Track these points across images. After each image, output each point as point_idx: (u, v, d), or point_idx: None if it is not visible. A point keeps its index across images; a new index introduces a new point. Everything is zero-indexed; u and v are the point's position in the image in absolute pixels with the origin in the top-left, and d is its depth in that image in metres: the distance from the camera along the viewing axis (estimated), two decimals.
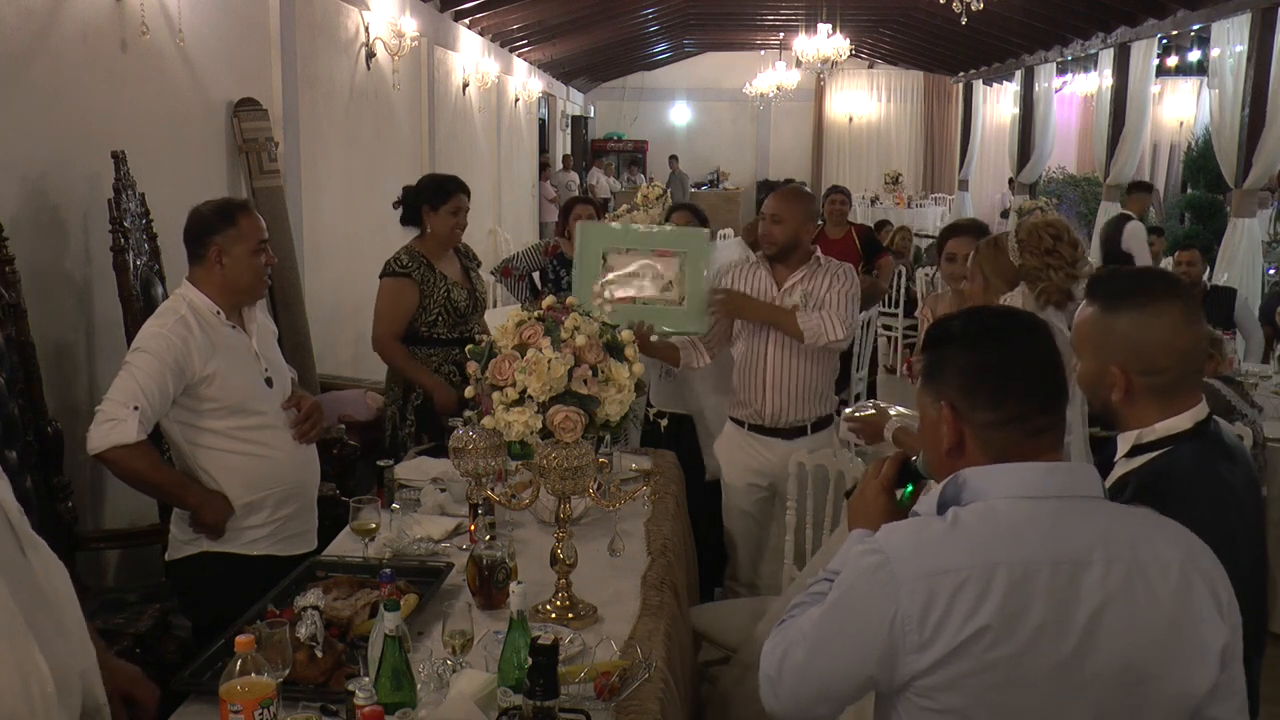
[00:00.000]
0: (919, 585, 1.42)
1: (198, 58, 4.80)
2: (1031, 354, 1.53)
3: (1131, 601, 1.42)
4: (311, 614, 2.11)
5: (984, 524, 1.46)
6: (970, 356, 1.54)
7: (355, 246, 7.03)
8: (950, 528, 1.47)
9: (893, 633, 1.43)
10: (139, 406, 2.62)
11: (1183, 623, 1.44)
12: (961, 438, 1.54)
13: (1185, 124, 17.88)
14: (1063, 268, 2.68)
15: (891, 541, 1.48)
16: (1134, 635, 1.42)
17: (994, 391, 1.51)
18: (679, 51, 20.34)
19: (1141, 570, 1.44)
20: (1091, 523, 1.46)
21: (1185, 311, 1.77)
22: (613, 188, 18.59)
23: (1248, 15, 8.76)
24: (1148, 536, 1.48)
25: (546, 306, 2.52)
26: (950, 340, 1.57)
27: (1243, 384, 4.35)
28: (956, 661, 1.41)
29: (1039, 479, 1.48)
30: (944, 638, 1.41)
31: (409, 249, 4.13)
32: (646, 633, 2.37)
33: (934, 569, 1.42)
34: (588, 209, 5.59)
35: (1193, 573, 1.46)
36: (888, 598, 1.43)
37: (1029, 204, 11.65)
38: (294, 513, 2.93)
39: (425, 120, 8.88)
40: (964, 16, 8.31)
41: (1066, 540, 1.44)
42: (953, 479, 1.53)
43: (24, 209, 3.54)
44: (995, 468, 1.50)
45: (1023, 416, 1.51)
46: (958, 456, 1.54)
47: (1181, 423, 1.77)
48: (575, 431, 2.35)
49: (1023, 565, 1.42)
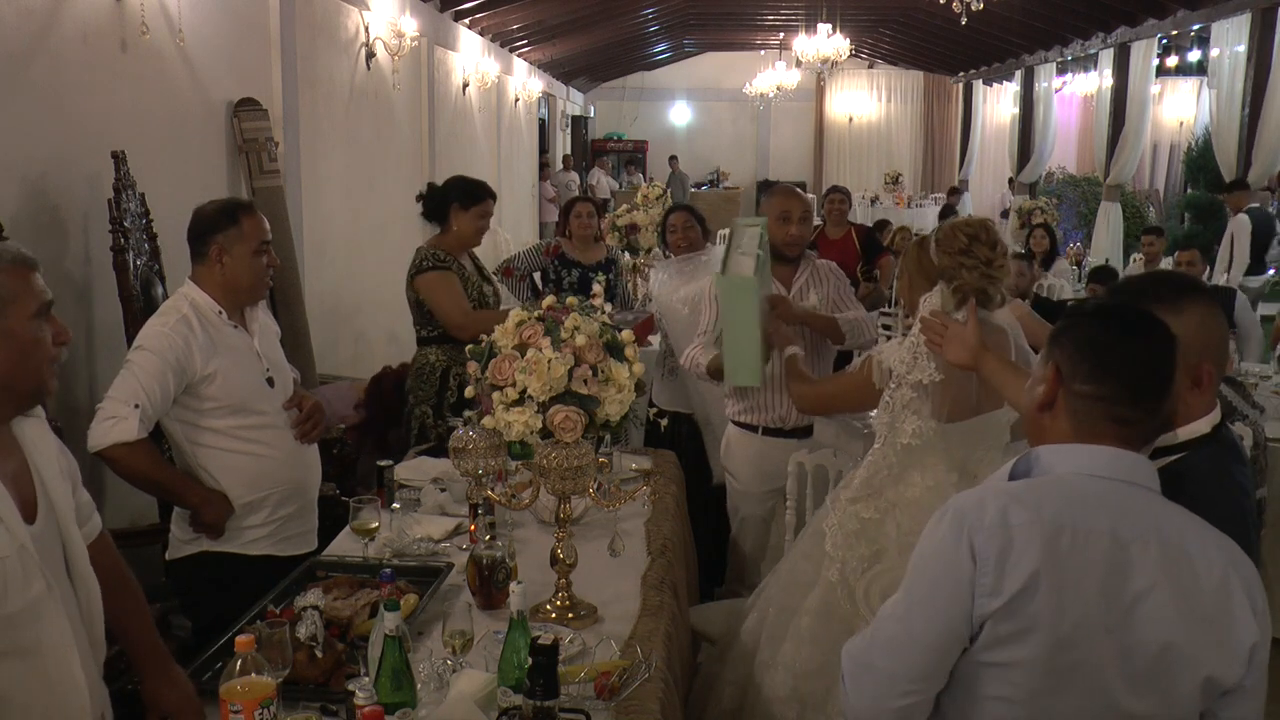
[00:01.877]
0: (994, 532, 1.54)
1: (198, 58, 4.80)
2: (1143, 350, 1.61)
3: (1178, 585, 1.52)
4: (311, 614, 2.11)
5: (1053, 489, 1.58)
6: (1090, 329, 1.64)
7: (355, 246, 7.03)
8: (1021, 488, 1.60)
9: (971, 574, 1.54)
10: (140, 405, 2.62)
11: (1221, 616, 1.53)
12: (1055, 397, 1.64)
13: (1185, 124, 17.89)
14: (976, 267, 2.70)
15: (961, 500, 1.62)
16: (1175, 617, 1.52)
17: (1096, 367, 1.61)
18: (679, 51, 20.34)
19: (1189, 561, 1.54)
20: (1150, 509, 1.57)
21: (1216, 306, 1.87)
22: (611, 188, 18.58)
23: (1248, 15, 8.77)
24: (1197, 533, 1.58)
25: (546, 306, 2.52)
26: (1082, 314, 1.69)
27: (1243, 384, 4.34)
28: (1020, 606, 1.52)
29: (1107, 461, 1.59)
30: (1011, 582, 1.52)
31: (435, 246, 4.13)
32: (646, 633, 2.37)
33: (1006, 520, 1.54)
34: (588, 208, 5.60)
35: (1233, 575, 1.55)
36: (964, 544, 1.55)
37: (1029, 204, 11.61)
38: (294, 513, 2.93)
39: (425, 120, 8.88)
40: (964, 16, 8.31)
41: (1126, 517, 1.55)
42: (1025, 456, 1.66)
43: (24, 209, 3.54)
44: (1068, 447, 1.62)
45: (1113, 399, 1.59)
46: (1046, 413, 1.65)
47: (1202, 426, 1.82)
48: (575, 431, 2.35)
49: (1084, 531, 1.53)
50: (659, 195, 6.84)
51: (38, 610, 1.72)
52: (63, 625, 1.75)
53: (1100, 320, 1.65)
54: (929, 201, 18.32)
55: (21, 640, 1.71)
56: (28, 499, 1.77)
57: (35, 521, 1.77)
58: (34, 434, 1.84)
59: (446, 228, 4.17)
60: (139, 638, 2.04)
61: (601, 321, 2.52)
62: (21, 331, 1.77)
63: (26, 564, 1.70)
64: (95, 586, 1.88)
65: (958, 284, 2.68)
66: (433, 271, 4.06)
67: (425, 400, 4.10)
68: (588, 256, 5.48)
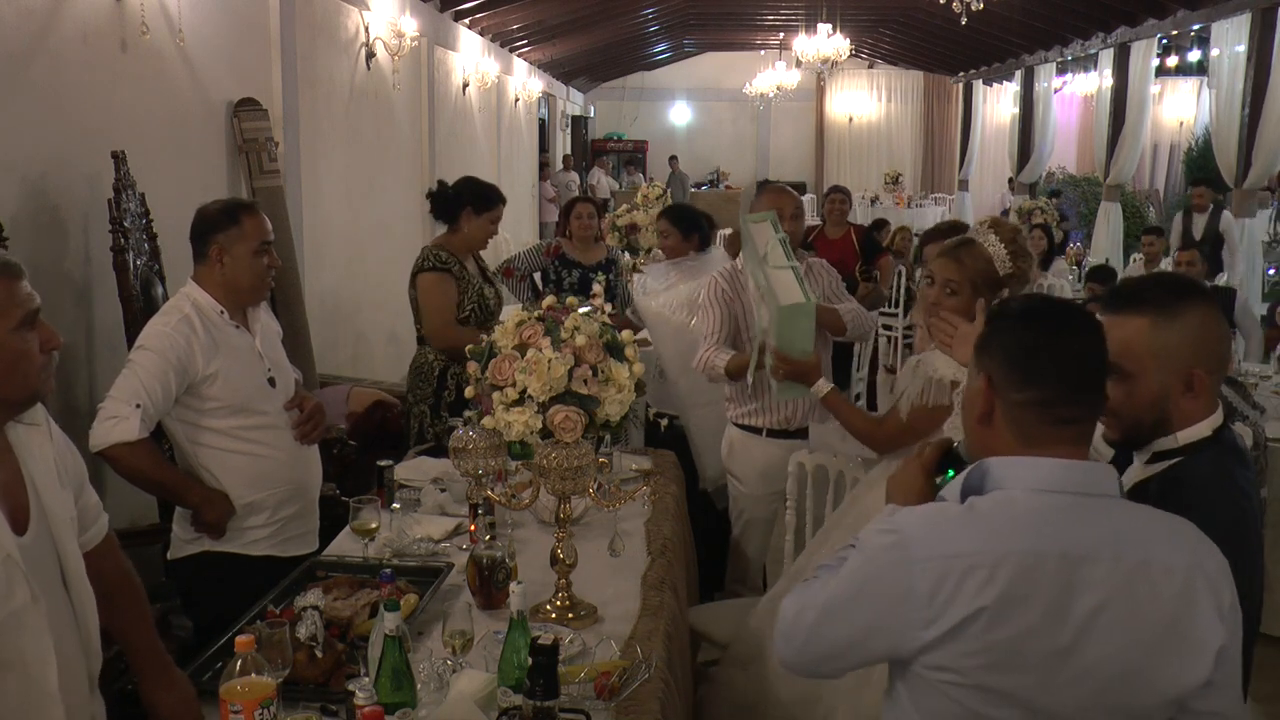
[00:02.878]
0: (931, 565, 1.48)
1: (198, 58, 4.80)
2: (1074, 344, 1.56)
3: (1133, 599, 1.47)
4: (311, 614, 2.11)
5: (999, 512, 1.52)
6: (1017, 335, 1.59)
7: (355, 246, 7.03)
8: (966, 513, 1.53)
9: (901, 608, 1.50)
10: (141, 404, 2.62)
11: (1182, 624, 1.48)
12: (991, 409, 1.59)
13: (1185, 124, 17.89)
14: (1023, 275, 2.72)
15: (908, 522, 1.55)
16: (1132, 632, 1.47)
17: (1028, 372, 1.56)
18: (679, 51, 20.34)
19: (1146, 570, 1.48)
20: (1104, 521, 1.51)
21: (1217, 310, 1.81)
22: (611, 188, 18.59)
23: (1248, 15, 8.77)
24: (1157, 537, 1.52)
25: (546, 306, 2.52)
26: (1005, 317, 1.64)
27: (1243, 384, 4.34)
28: (957, 640, 1.48)
29: (1057, 474, 1.53)
30: (948, 616, 1.47)
31: (440, 246, 4.13)
32: (646, 633, 2.37)
33: (946, 551, 1.49)
34: (589, 208, 5.60)
35: (1197, 576, 1.50)
36: (900, 574, 1.50)
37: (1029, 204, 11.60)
38: (295, 513, 2.93)
39: (425, 120, 8.88)
40: (964, 16, 8.32)
41: (1077, 535, 1.49)
42: (976, 467, 1.59)
43: (24, 209, 3.55)
44: (1017, 460, 1.55)
45: (1050, 402, 1.55)
46: (986, 426, 1.60)
47: (1203, 430, 1.78)
48: (575, 431, 2.35)
49: (1032, 555, 1.47)
50: (659, 195, 6.84)
51: (19, 622, 1.70)
52: (44, 639, 1.72)
53: (1025, 322, 1.60)
54: (929, 201, 18.33)
55: (1, 653, 1.69)
56: (20, 508, 1.76)
57: (26, 532, 1.75)
58: (30, 442, 1.82)
59: (455, 229, 4.17)
60: (139, 642, 2.04)
61: (601, 322, 2.53)
62: (7, 343, 1.72)
63: (11, 575, 1.69)
64: (91, 597, 1.87)
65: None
66: (432, 273, 4.06)
67: (423, 399, 4.10)
68: (588, 257, 5.48)
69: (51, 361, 1.82)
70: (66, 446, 1.93)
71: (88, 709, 1.89)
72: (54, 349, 1.82)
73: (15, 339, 1.73)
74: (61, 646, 1.77)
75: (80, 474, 1.96)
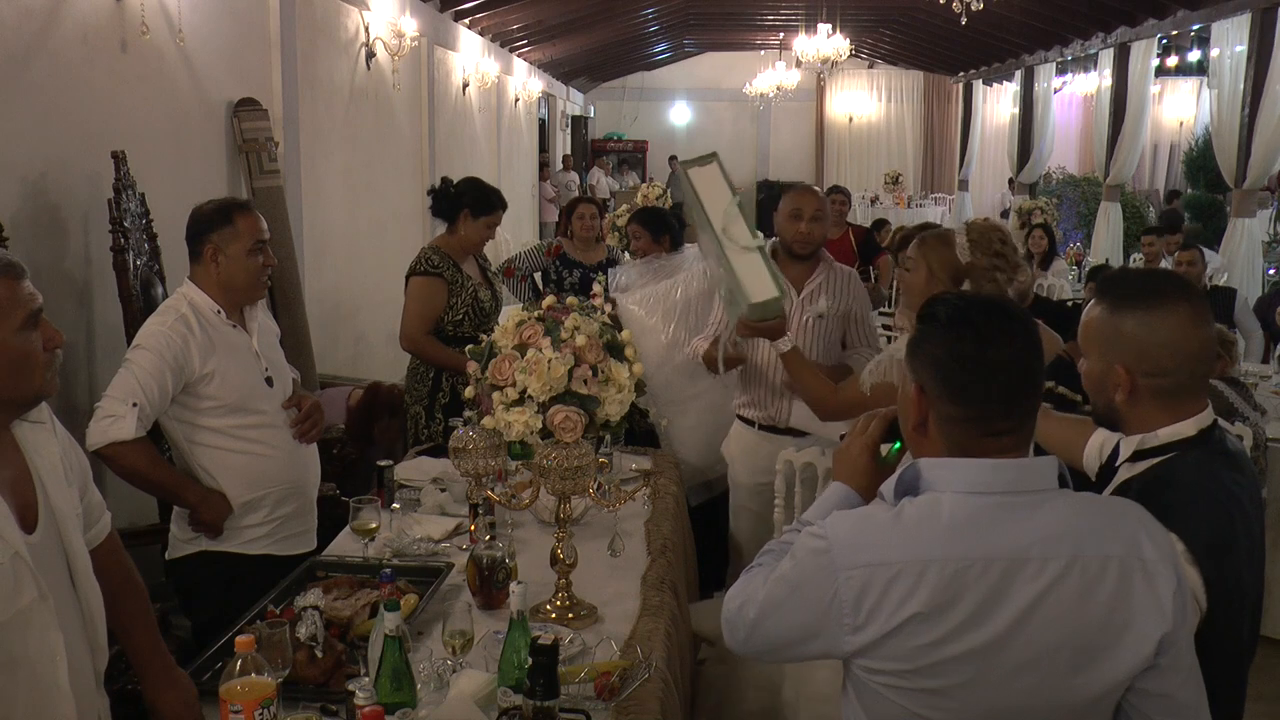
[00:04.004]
0: (855, 574, 1.49)
1: (198, 58, 4.80)
2: (1008, 356, 1.51)
3: (1063, 597, 1.46)
4: (311, 614, 2.11)
5: (925, 519, 1.50)
6: (947, 345, 1.53)
7: (355, 246, 7.03)
8: (893, 520, 1.52)
9: (829, 613, 1.51)
10: (138, 403, 2.62)
11: (1117, 615, 1.47)
12: (925, 418, 1.57)
13: (1185, 124, 17.90)
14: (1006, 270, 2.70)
15: (836, 529, 1.54)
16: (1065, 628, 1.46)
17: (961, 387, 1.52)
18: (679, 51, 20.33)
19: (1079, 565, 1.47)
20: (1034, 520, 1.49)
21: (1193, 314, 1.73)
22: (611, 188, 18.59)
23: (1248, 15, 8.76)
24: (1090, 530, 1.50)
25: (547, 306, 2.52)
26: (935, 321, 1.57)
27: (1244, 384, 4.34)
28: (889, 644, 1.48)
29: (986, 476, 1.51)
30: (877, 623, 1.48)
31: (436, 249, 4.13)
32: (646, 633, 2.37)
33: (871, 560, 1.49)
34: (591, 209, 5.61)
35: (1133, 568, 1.48)
36: (826, 581, 1.51)
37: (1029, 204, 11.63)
38: (293, 512, 2.93)
39: (425, 120, 8.88)
40: (964, 16, 8.31)
41: (1005, 538, 1.48)
42: (911, 466, 1.57)
43: (24, 209, 3.55)
44: (949, 461, 1.53)
45: (984, 418, 1.52)
46: (923, 434, 1.59)
47: (1185, 429, 1.74)
48: (575, 431, 2.35)
49: (955, 561, 1.46)
50: (659, 195, 6.85)
51: (26, 620, 1.71)
52: (52, 635, 1.73)
53: (955, 332, 1.52)
54: (929, 201, 18.33)
55: (9, 651, 1.70)
56: (28, 505, 1.77)
57: (35, 529, 1.76)
58: (37, 439, 1.83)
59: (453, 230, 4.17)
60: (142, 642, 2.04)
61: (601, 322, 2.53)
62: (10, 344, 1.72)
63: (19, 572, 1.69)
64: (98, 594, 1.88)
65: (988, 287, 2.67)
66: (421, 276, 4.06)
67: (418, 400, 4.10)
68: (589, 257, 5.48)
69: (55, 360, 1.82)
70: (71, 444, 1.94)
71: (95, 705, 1.89)
72: (57, 348, 1.82)
73: (19, 339, 1.74)
74: (70, 643, 1.78)
75: (85, 471, 1.96)
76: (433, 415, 4.03)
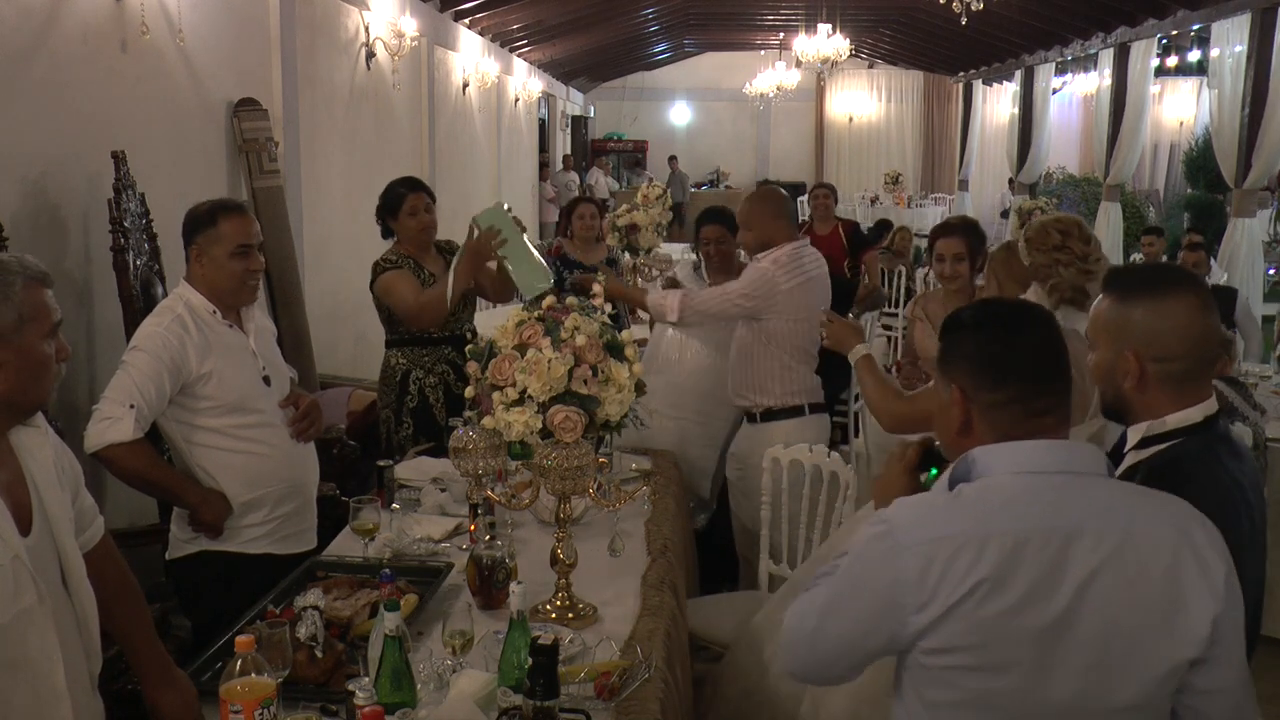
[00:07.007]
0: (918, 550, 1.53)
1: (198, 58, 4.80)
2: (1032, 339, 1.62)
3: (1122, 571, 1.50)
4: (311, 614, 2.11)
5: (983, 496, 1.56)
6: (976, 342, 1.65)
7: (355, 246, 7.02)
8: (952, 500, 1.58)
9: (891, 597, 1.54)
10: (135, 405, 2.62)
11: (1172, 594, 1.51)
12: (969, 418, 1.64)
13: (1185, 124, 17.89)
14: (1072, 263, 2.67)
15: (896, 514, 1.60)
16: (1123, 603, 1.50)
17: (996, 373, 1.61)
18: (679, 51, 20.33)
19: (1133, 543, 1.52)
20: (1088, 496, 1.55)
21: (1200, 302, 1.81)
22: (611, 188, 18.58)
23: (1248, 15, 8.76)
24: (1143, 511, 1.56)
25: (547, 306, 2.52)
26: (961, 328, 1.69)
27: (1244, 384, 4.34)
28: (955, 616, 1.51)
29: (1040, 455, 1.57)
30: (940, 597, 1.51)
31: (392, 249, 4.10)
32: (646, 633, 2.37)
33: (932, 535, 1.53)
34: (591, 209, 5.61)
35: (1184, 548, 1.53)
36: (889, 563, 1.55)
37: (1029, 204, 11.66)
38: (293, 511, 2.92)
39: (425, 120, 8.88)
40: (964, 16, 8.31)
41: (1061, 512, 1.53)
42: (963, 459, 1.63)
43: (24, 209, 3.54)
44: (1000, 446, 1.59)
45: (1023, 397, 1.60)
46: (966, 436, 1.64)
47: (1192, 415, 1.79)
48: (575, 431, 2.35)
49: (1015, 534, 1.51)
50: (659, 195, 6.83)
51: (26, 622, 1.71)
52: (51, 637, 1.74)
53: (980, 330, 1.66)
54: (929, 201, 18.33)
55: (9, 652, 1.70)
56: (23, 508, 1.77)
57: (30, 532, 1.76)
58: (31, 443, 1.84)
59: (395, 236, 4.13)
60: (140, 644, 2.04)
61: (601, 321, 2.52)
62: (36, 350, 1.78)
63: (19, 575, 1.70)
64: (91, 597, 1.88)
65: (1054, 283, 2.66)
66: (386, 272, 4.00)
67: (387, 405, 4.06)
68: (589, 257, 5.48)
69: (60, 373, 1.86)
70: (63, 448, 1.94)
71: (90, 707, 1.89)
72: (64, 360, 1.86)
73: (45, 346, 1.80)
74: (65, 646, 1.78)
75: (77, 475, 1.97)
76: (400, 420, 3.99)
